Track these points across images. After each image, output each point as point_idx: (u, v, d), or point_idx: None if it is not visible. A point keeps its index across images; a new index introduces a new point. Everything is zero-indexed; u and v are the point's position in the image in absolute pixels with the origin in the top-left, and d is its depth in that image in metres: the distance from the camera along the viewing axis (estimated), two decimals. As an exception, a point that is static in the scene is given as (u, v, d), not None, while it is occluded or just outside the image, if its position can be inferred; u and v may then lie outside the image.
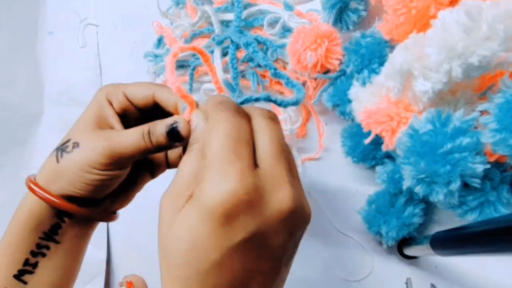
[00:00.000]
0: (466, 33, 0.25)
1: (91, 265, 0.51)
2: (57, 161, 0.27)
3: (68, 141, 0.27)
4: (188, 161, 0.22)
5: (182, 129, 0.25)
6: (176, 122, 0.25)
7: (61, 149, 0.27)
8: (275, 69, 0.39)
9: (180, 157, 0.31)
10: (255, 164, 0.21)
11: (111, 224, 0.53)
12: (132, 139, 0.26)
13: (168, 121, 0.26)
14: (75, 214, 0.28)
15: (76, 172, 0.26)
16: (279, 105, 0.25)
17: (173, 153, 0.32)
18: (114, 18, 0.56)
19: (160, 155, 0.33)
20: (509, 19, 0.24)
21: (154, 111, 0.29)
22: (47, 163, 0.28)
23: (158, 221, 0.22)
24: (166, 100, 0.28)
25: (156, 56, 0.50)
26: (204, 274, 0.20)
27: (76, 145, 0.27)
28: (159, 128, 0.26)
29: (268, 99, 0.25)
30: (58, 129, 0.58)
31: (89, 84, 0.57)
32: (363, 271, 0.39)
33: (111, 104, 0.28)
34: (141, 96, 0.28)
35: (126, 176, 0.29)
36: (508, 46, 0.25)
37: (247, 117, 0.23)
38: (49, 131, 0.59)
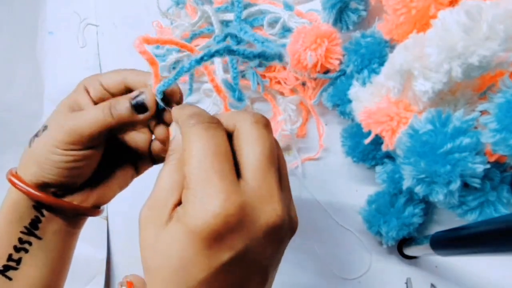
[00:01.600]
0: (466, 33, 0.25)
1: (91, 265, 0.51)
2: (29, 146, 0.27)
3: (42, 127, 0.28)
4: (166, 174, 0.22)
5: (147, 98, 0.25)
6: (142, 93, 0.25)
7: (35, 135, 0.27)
8: (263, 42, 0.40)
9: (163, 150, 0.30)
10: (240, 176, 0.21)
11: (110, 223, 0.53)
12: (91, 114, 0.26)
13: (132, 94, 0.26)
14: (52, 204, 0.27)
15: (44, 154, 0.26)
16: (241, 55, 0.23)
17: (156, 146, 0.31)
18: (114, 18, 0.56)
19: (141, 144, 0.31)
20: (509, 19, 0.24)
21: None
22: (23, 152, 0.28)
23: (139, 234, 0.22)
24: (136, 81, 0.28)
25: (156, 56, 0.50)
26: None
27: (45, 127, 0.27)
28: (122, 101, 0.26)
29: (227, 50, 0.23)
30: (58, 129, 0.58)
31: (89, 84, 0.57)
32: (363, 270, 0.39)
33: (87, 92, 0.28)
34: (114, 83, 0.28)
35: (99, 162, 0.29)
36: (508, 46, 0.25)
37: (222, 127, 0.22)
38: (49, 131, 0.59)
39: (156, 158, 0.32)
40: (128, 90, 0.28)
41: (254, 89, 0.43)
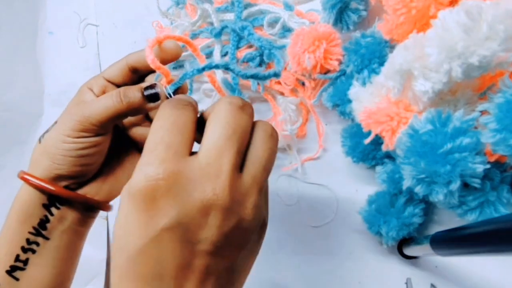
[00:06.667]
0: (466, 33, 0.25)
1: (91, 265, 0.51)
2: (39, 142, 0.28)
3: (51, 126, 0.29)
4: None
5: (161, 90, 0.26)
6: (155, 85, 0.27)
7: (44, 132, 0.29)
8: (270, 49, 0.41)
9: None
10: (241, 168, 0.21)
11: (111, 223, 0.53)
12: (101, 102, 0.27)
13: (142, 84, 0.27)
14: (65, 197, 0.28)
15: (55, 144, 0.27)
16: (236, 74, 0.25)
17: None
18: (114, 18, 0.56)
19: (146, 137, 0.34)
20: (509, 19, 0.24)
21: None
22: (33, 151, 0.29)
23: None
24: (140, 58, 0.29)
25: (156, 56, 0.50)
26: (132, 262, 0.20)
27: (55, 123, 0.28)
28: (133, 89, 0.27)
29: (226, 67, 0.25)
30: (58, 129, 0.58)
31: (89, 84, 0.57)
32: (363, 270, 0.39)
33: (91, 90, 0.29)
34: (117, 71, 0.29)
35: (108, 152, 0.30)
36: (508, 46, 0.25)
37: (191, 108, 0.22)
38: (49, 131, 0.59)
39: None
40: (133, 72, 0.30)
41: (254, 89, 0.43)
